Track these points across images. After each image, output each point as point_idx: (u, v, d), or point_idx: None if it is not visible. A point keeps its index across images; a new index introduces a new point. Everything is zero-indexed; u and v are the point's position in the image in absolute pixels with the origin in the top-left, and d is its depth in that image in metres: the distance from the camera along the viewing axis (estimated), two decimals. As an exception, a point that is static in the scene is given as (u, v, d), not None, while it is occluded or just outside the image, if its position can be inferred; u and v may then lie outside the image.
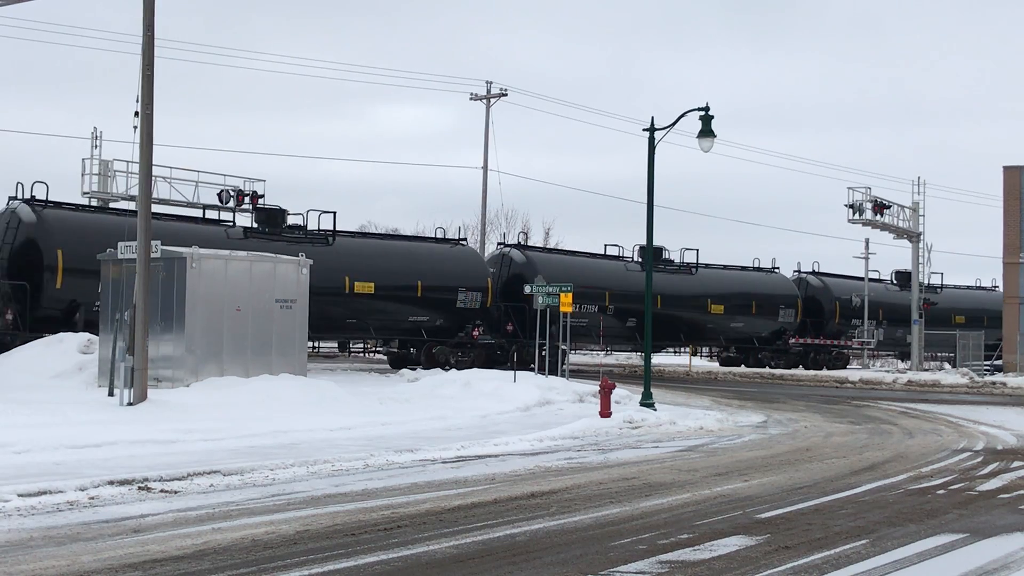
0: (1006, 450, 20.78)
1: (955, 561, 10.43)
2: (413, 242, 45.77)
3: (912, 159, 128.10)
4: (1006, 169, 53.23)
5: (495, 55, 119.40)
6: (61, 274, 32.08)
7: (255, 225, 38.16)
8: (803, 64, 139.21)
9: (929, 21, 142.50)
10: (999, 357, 53.04)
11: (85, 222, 34.01)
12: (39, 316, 32.18)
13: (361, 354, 49.37)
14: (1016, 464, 18.37)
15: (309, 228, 39.17)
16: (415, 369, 38.83)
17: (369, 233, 50.18)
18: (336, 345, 48.75)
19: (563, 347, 36.50)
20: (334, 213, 39.56)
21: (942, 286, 64.72)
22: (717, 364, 59.42)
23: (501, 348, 42.69)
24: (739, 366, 56.60)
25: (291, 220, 38.88)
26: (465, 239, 48.19)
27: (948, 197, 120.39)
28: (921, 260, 54.87)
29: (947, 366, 57.39)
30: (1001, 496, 14.69)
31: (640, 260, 48.69)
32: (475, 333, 42.47)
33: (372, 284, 39.45)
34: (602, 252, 50.11)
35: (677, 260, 52.35)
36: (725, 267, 55.62)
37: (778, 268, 57.84)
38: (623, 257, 49.82)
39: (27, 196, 33.22)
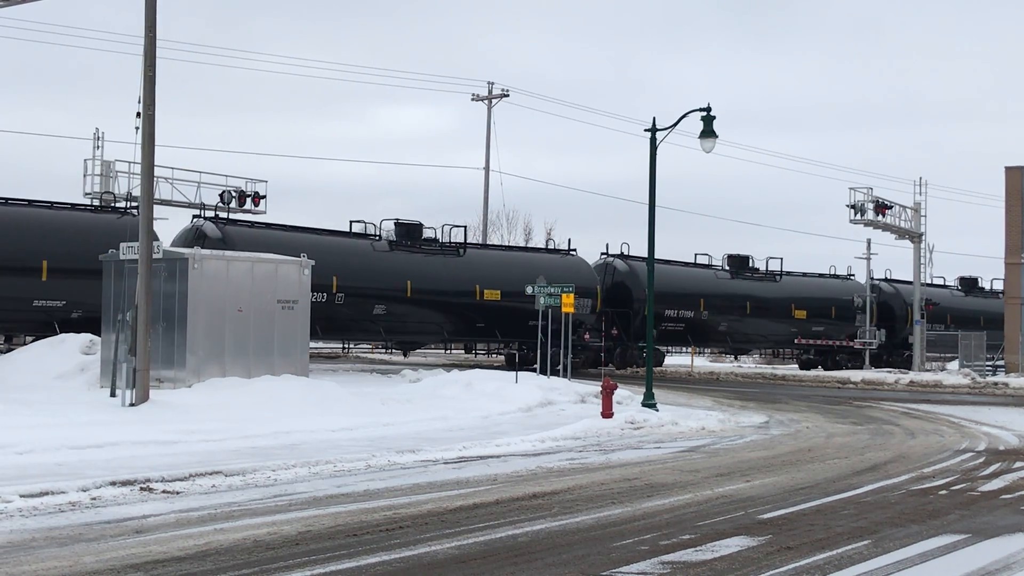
0: (1008, 451, 20.77)
1: (957, 562, 10.43)
2: (531, 253, 50.08)
3: (914, 160, 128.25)
4: (1008, 169, 53.19)
5: (496, 56, 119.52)
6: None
7: (396, 239, 42.47)
8: (803, 65, 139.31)
9: (930, 21, 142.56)
10: (1001, 357, 53.01)
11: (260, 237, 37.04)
12: None
13: (485, 355, 53.78)
14: (1018, 465, 18.36)
15: (443, 241, 43.76)
16: (434, 370, 39.41)
17: (492, 245, 54.01)
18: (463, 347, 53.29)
19: (663, 349, 40.70)
20: (464, 227, 44.78)
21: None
22: (797, 367, 59.98)
23: (607, 350, 47.06)
24: (816, 368, 57.36)
25: (427, 233, 43.45)
26: (575, 249, 51.09)
27: (950, 197, 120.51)
28: (923, 261, 54.85)
29: (949, 366, 57.35)
30: (1003, 497, 14.68)
31: (729, 268, 54.59)
32: (586, 336, 46.29)
33: (499, 292, 43.81)
34: (692, 261, 54.40)
35: (762, 268, 56.50)
36: (805, 274, 59.12)
37: (853, 275, 60.60)
38: (712, 266, 54.80)
39: None
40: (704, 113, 27.02)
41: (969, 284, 65.64)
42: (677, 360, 59.46)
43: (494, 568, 9.67)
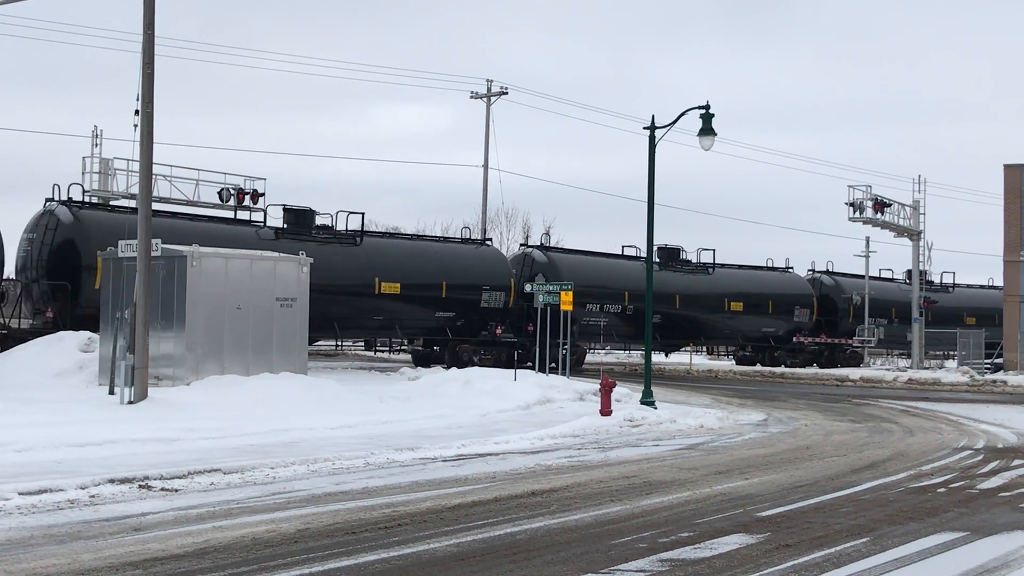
0: (1007, 448, 20.78)
1: (955, 559, 10.43)
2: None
3: (912, 158, 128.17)
4: (1007, 168, 53.20)
5: (494, 55, 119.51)
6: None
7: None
8: (800, 64, 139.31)
9: (926, 20, 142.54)
10: (1000, 355, 53.04)
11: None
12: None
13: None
14: (1017, 462, 18.37)
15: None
16: (437, 367, 39.21)
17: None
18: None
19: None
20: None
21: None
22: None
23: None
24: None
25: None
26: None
27: (949, 195, 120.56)
28: (922, 258, 54.87)
29: (947, 364, 57.44)
30: (1002, 494, 14.69)
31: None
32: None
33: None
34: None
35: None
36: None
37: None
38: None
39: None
40: (703, 111, 27.02)
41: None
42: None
43: (493, 566, 9.67)
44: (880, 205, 51.99)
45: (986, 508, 13.45)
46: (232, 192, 41.56)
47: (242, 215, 40.98)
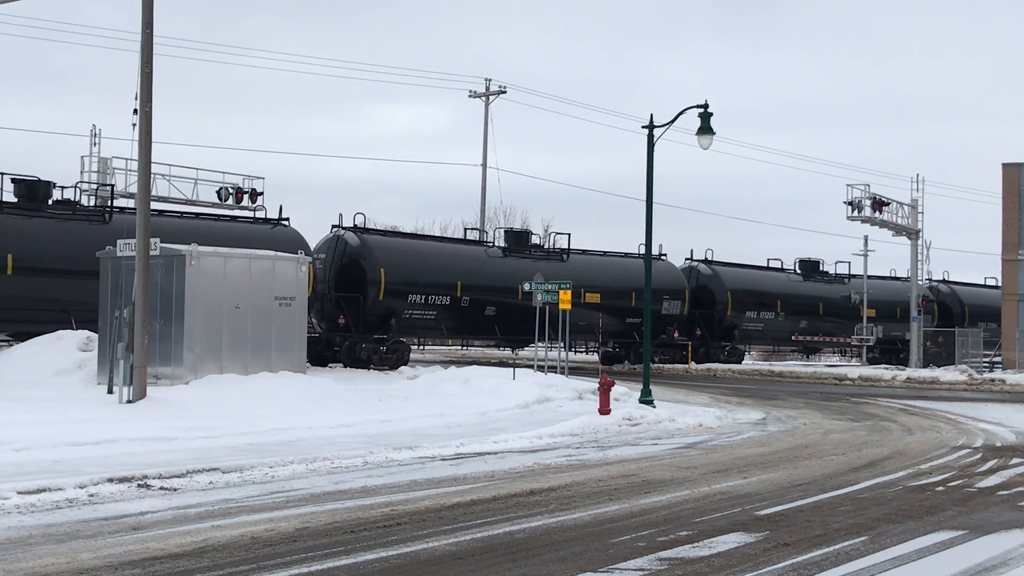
0: (1005, 447, 20.79)
1: (954, 558, 10.43)
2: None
3: (911, 157, 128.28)
4: (1005, 166, 53.24)
5: (491, 55, 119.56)
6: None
7: (506, 245, 46.40)
8: (797, 64, 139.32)
9: (921, 20, 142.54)
10: (998, 354, 53.07)
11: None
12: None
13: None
14: (1015, 461, 18.38)
15: (546, 247, 47.73)
16: (430, 366, 39.37)
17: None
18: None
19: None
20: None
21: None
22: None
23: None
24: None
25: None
26: (666, 254, 52.80)
27: (947, 194, 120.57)
28: (920, 257, 54.90)
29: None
30: (1000, 493, 14.69)
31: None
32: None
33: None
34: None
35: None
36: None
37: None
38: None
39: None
40: (701, 110, 27.02)
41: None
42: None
43: (491, 565, 9.67)
44: (878, 204, 51.98)
45: (984, 507, 13.46)
46: (230, 191, 41.55)
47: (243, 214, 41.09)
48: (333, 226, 40.58)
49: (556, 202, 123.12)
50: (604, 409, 24.10)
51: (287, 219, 40.49)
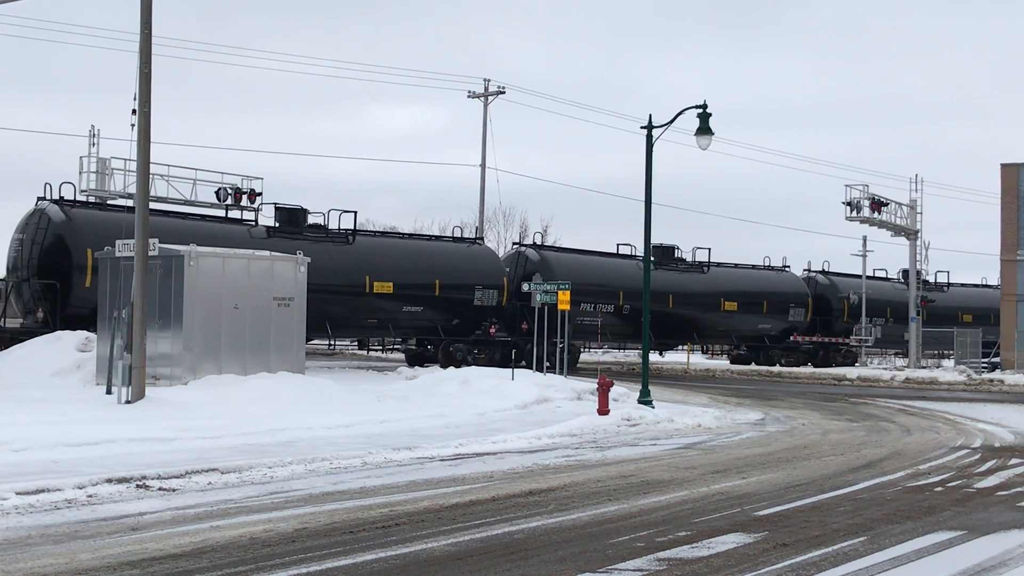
0: (1004, 447, 20.79)
1: (952, 558, 10.44)
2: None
3: (909, 158, 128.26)
4: (1004, 167, 53.26)
5: (488, 56, 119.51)
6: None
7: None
8: (794, 65, 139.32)
9: (921, 21, 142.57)
10: (997, 354, 53.09)
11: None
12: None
13: (380, 351, 50.17)
14: (1014, 461, 18.39)
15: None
16: (433, 366, 39.22)
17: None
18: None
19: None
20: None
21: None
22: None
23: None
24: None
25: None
26: (482, 238, 48.65)
27: (946, 195, 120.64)
28: (919, 257, 54.90)
29: (944, 363, 57.45)
30: (999, 493, 14.70)
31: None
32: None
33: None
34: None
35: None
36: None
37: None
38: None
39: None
40: (700, 110, 27.01)
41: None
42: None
43: (490, 565, 9.67)
44: (877, 204, 52.00)
45: (983, 507, 13.46)
46: (229, 192, 41.52)
47: (240, 214, 40.92)
48: (514, 243, 46.16)
49: (555, 202, 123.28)
50: (603, 409, 24.10)
51: (480, 239, 44.81)
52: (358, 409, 23.77)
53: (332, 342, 45.07)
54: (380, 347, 48.38)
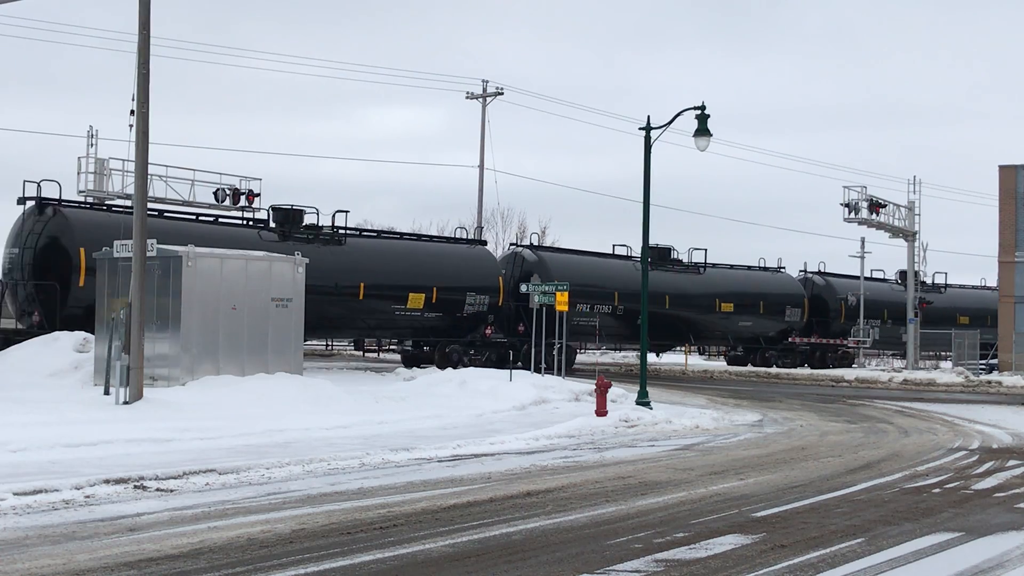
0: (1001, 449, 20.80)
1: (950, 560, 10.44)
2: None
3: (907, 160, 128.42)
4: (1002, 168, 53.27)
5: (485, 57, 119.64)
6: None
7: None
8: (791, 68, 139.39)
9: (916, 22, 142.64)
10: (995, 356, 53.11)
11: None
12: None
13: (376, 352, 49.79)
14: (1012, 463, 18.40)
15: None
16: (429, 367, 39.19)
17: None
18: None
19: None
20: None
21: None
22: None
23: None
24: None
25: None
26: (485, 241, 48.42)
27: (944, 196, 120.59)
28: (917, 259, 54.91)
29: (942, 364, 57.47)
30: (996, 495, 14.71)
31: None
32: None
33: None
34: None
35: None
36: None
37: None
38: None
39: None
40: (699, 112, 27.03)
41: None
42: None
43: (488, 566, 9.66)
44: (875, 206, 52.00)
45: (981, 508, 13.47)
46: (227, 192, 41.52)
47: (237, 215, 40.91)
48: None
49: (553, 203, 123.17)
50: (601, 411, 24.09)
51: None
52: (356, 410, 23.76)
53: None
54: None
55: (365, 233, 43.62)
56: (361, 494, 13.54)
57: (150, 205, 32.25)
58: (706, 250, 53.30)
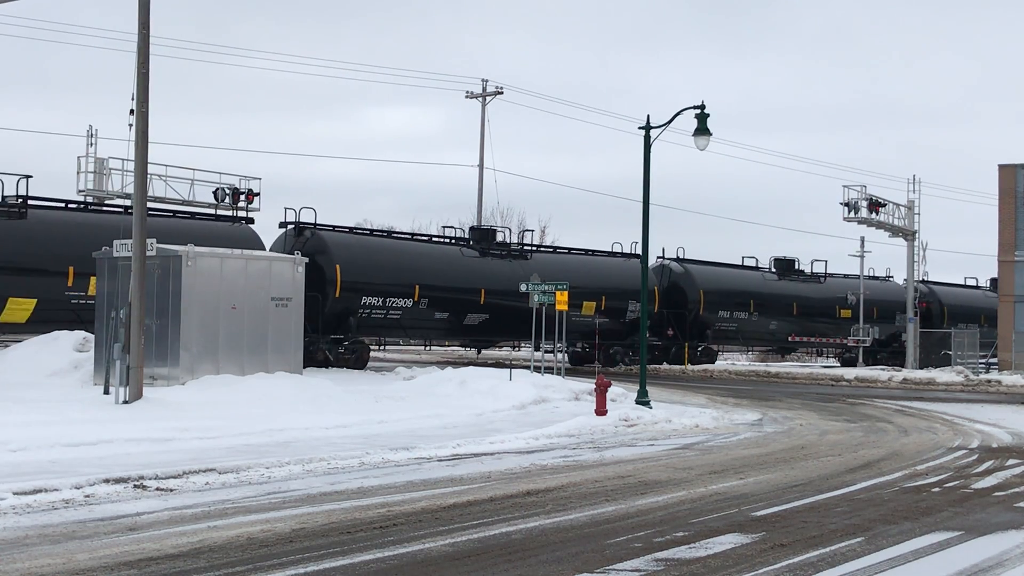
0: (1001, 448, 20.80)
1: (950, 559, 10.44)
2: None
3: (906, 159, 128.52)
4: (1001, 168, 53.25)
5: (485, 57, 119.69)
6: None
7: (471, 242, 44.79)
8: (789, 68, 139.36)
9: (913, 22, 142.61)
10: (994, 355, 53.12)
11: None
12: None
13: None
14: (1011, 462, 18.40)
15: (514, 245, 46.17)
16: (430, 367, 39.40)
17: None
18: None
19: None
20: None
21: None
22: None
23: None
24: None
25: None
26: (639, 254, 48.44)
27: (944, 196, 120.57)
28: (916, 258, 54.89)
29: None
30: (996, 494, 14.71)
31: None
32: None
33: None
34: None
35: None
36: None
37: (661, 257, 52.61)
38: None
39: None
40: (698, 111, 27.02)
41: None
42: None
43: (488, 565, 9.67)
44: (875, 205, 51.97)
45: (981, 507, 13.47)
46: (227, 192, 41.51)
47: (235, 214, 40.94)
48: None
49: (552, 203, 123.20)
50: (600, 410, 24.09)
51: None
52: (356, 409, 23.76)
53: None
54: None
55: (542, 249, 50.82)
56: (361, 493, 13.54)
57: (150, 205, 32.38)
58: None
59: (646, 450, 19.37)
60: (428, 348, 55.94)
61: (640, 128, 28.08)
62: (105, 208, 38.66)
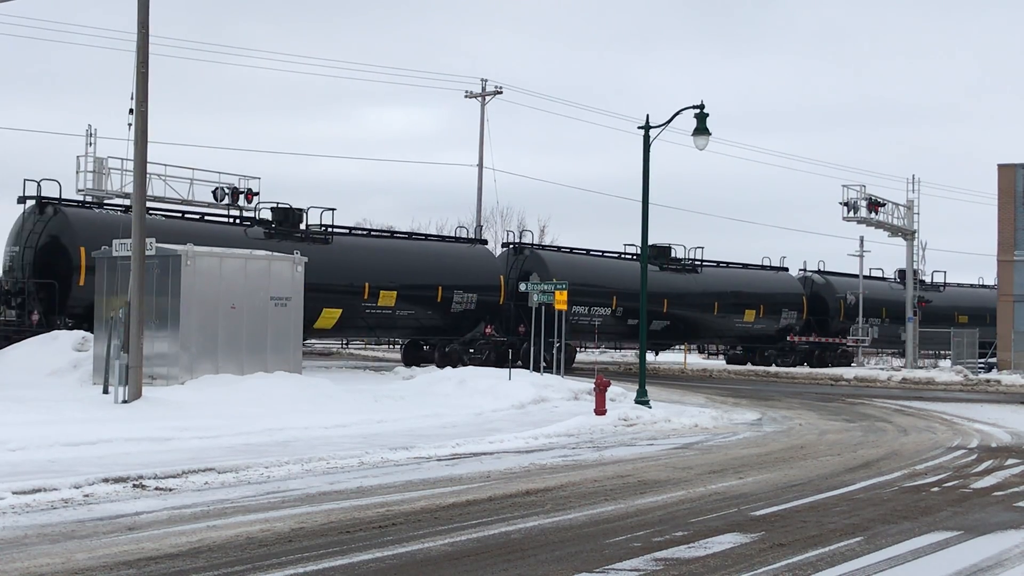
0: (1000, 447, 20.81)
1: (949, 558, 10.44)
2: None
3: (905, 159, 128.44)
4: (1001, 167, 53.27)
5: (484, 57, 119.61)
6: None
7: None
8: (787, 68, 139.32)
9: (911, 22, 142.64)
10: (994, 355, 53.12)
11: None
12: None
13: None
14: (1010, 462, 18.40)
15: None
16: (429, 366, 39.33)
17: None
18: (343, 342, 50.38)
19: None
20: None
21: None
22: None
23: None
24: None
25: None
26: (486, 240, 48.80)
27: (943, 195, 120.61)
28: (916, 257, 54.90)
29: (941, 363, 57.44)
30: (995, 494, 14.71)
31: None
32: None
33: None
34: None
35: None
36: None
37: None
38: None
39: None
40: (698, 111, 27.02)
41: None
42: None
43: (487, 565, 9.66)
44: (874, 205, 52.00)
45: (980, 507, 13.47)
46: (226, 191, 41.49)
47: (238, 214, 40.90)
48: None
49: (552, 202, 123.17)
50: (600, 409, 24.09)
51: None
52: (355, 409, 23.76)
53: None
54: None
55: (706, 263, 52.74)
56: (360, 493, 13.54)
57: (149, 204, 32.32)
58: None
59: (645, 450, 19.37)
60: (618, 349, 61.55)
61: (639, 128, 28.09)
62: (397, 235, 45.16)
